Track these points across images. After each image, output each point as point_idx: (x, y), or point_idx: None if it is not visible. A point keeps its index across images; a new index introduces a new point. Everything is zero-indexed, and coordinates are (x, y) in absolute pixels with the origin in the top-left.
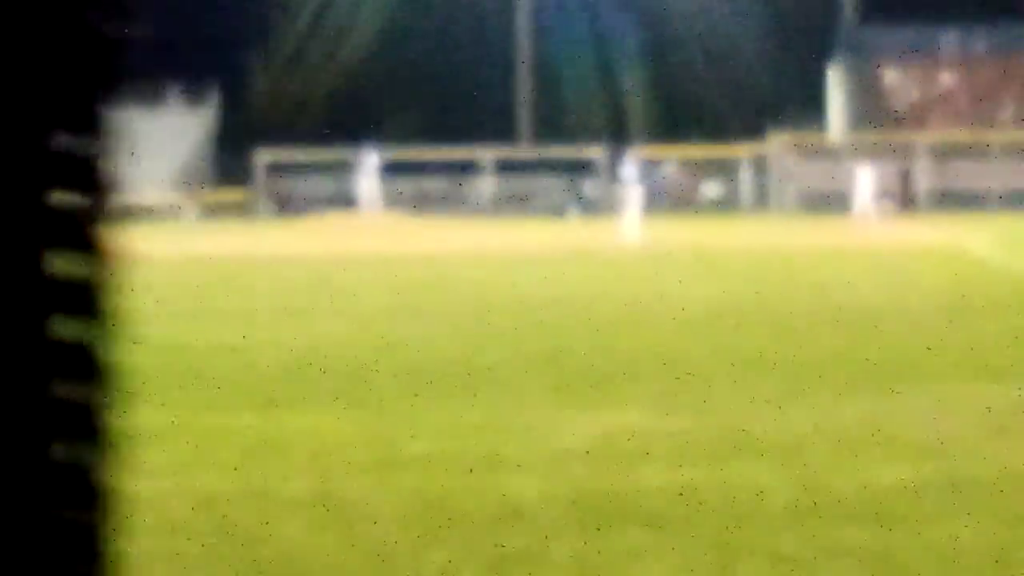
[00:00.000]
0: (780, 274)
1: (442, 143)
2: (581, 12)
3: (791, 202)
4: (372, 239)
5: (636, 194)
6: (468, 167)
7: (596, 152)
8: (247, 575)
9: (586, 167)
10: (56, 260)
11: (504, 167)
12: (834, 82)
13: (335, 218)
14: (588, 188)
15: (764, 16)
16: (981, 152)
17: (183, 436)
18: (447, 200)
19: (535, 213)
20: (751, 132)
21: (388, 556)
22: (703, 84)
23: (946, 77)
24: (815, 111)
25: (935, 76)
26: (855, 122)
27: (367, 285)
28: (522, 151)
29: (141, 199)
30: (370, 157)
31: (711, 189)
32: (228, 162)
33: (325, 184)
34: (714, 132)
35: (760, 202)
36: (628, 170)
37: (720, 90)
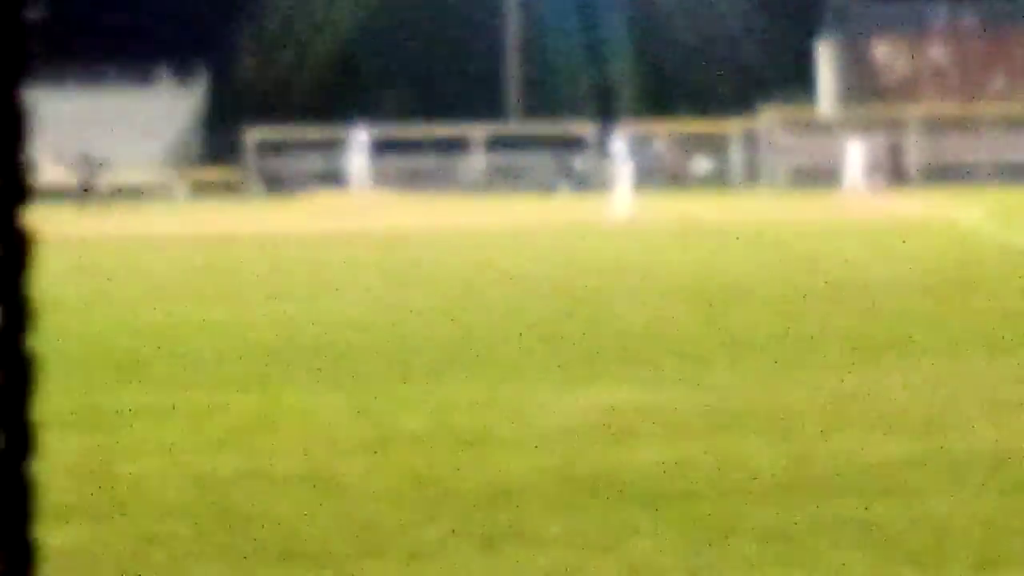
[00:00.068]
0: (771, 249)
1: (431, 120)
2: None
3: (781, 177)
4: (362, 217)
5: (626, 170)
6: (457, 144)
7: (586, 128)
8: (240, 554)
9: (576, 143)
10: None
11: (494, 144)
12: (824, 56)
13: (325, 196)
14: (578, 164)
15: None
16: (971, 125)
17: (174, 416)
18: (437, 177)
19: (525, 189)
20: (741, 107)
21: (381, 534)
22: (692, 59)
23: (936, 50)
24: (805, 86)
25: (925, 50)
26: (845, 96)
27: (357, 263)
28: (511, 128)
29: (131, 178)
30: (359, 135)
31: (701, 164)
32: (217, 141)
33: (315, 162)
34: (704, 107)
35: (750, 177)
36: (618, 146)
37: (710, 65)
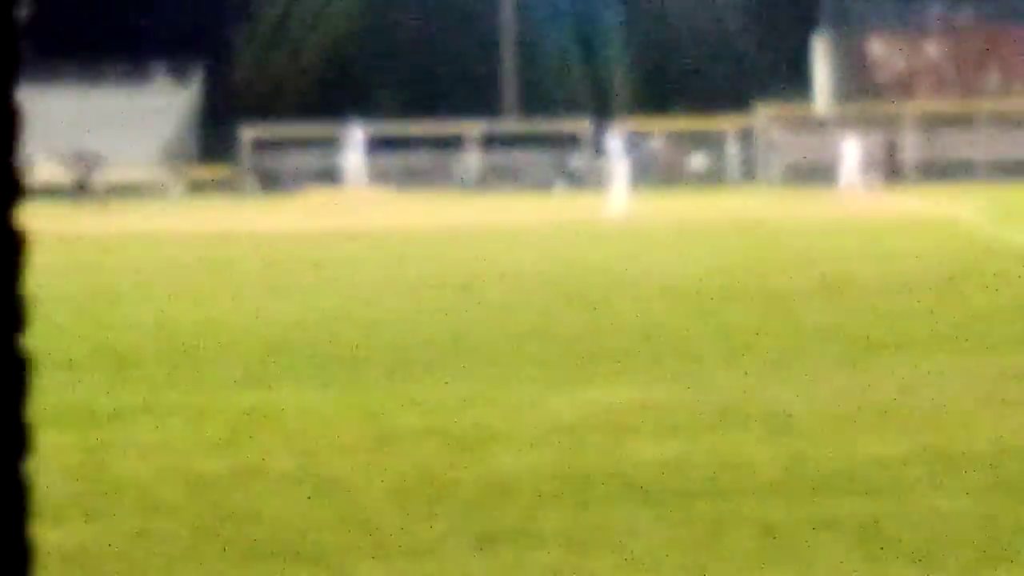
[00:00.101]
0: (768, 247)
1: (427, 118)
2: None
3: (777, 174)
4: (358, 215)
5: (622, 167)
6: (453, 142)
7: (582, 126)
8: (237, 553)
9: (572, 141)
10: None
11: (490, 142)
12: (819, 53)
13: (320, 194)
14: (574, 162)
15: None
16: (967, 122)
17: (170, 415)
18: (433, 175)
19: (521, 187)
20: (737, 104)
21: (379, 532)
22: (688, 56)
23: (932, 47)
24: (801, 83)
25: (921, 47)
26: (841, 93)
27: (353, 261)
28: (508, 125)
29: (126, 176)
30: (355, 132)
31: (697, 162)
32: (213, 139)
33: (310, 160)
34: (700, 104)
35: (746, 174)
36: (614, 143)
37: (705, 62)
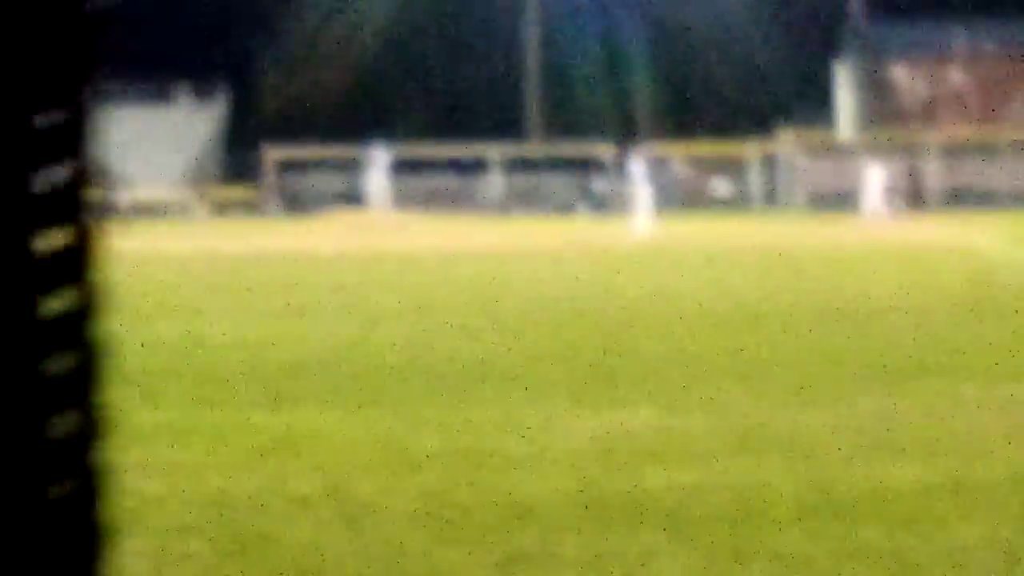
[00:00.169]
0: (789, 272)
1: (451, 141)
2: (590, 10)
3: (800, 200)
4: (381, 237)
5: (645, 192)
6: (477, 165)
7: (605, 150)
8: (257, 575)
9: (595, 165)
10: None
11: (513, 165)
12: (843, 80)
13: (344, 215)
14: (597, 186)
15: (773, 14)
16: (991, 150)
17: (192, 435)
18: (456, 197)
19: (544, 211)
20: (760, 130)
21: (398, 555)
22: (712, 81)
23: (955, 74)
24: (824, 109)
25: (944, 74)
26: (864, 120)
27: (376, 283)
28: (531, 149)
29: (151, 196)
30: (380, 154)
31: (720, 187)
32: (237, 159)
33: (334, 181)
34: (723, 130)
35: (769, 200)
36: (636, 168)
37: (729, 87)
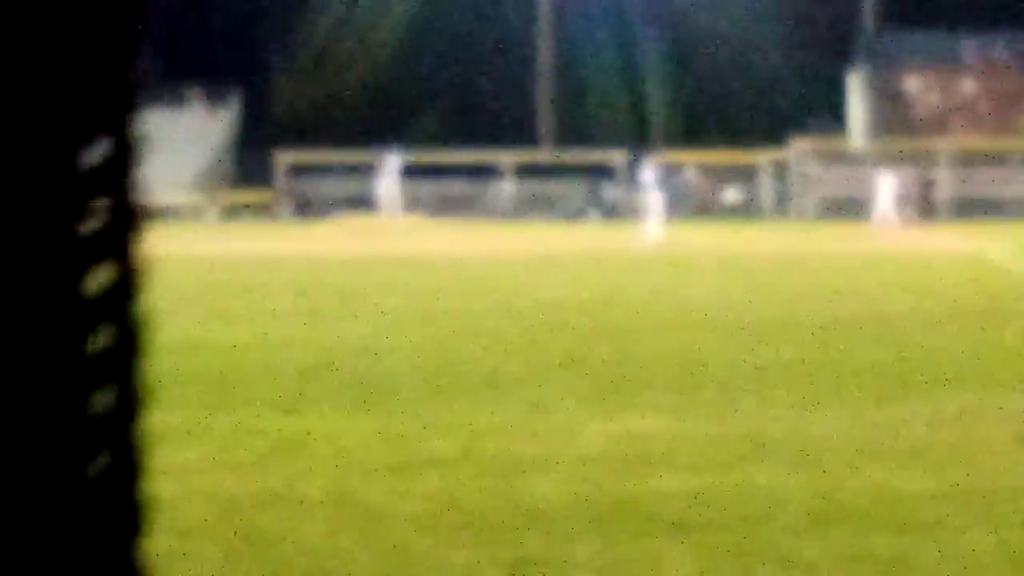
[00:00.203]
0: (800, 281)
1: (463, 146)
2: (602, 17)
3: (811, 208)
4: (391, 241)
5: (656, 199)
6: (488, 170)
7: (617, 156)
8: None
9: (607, 171)
10: (91, 269)
11: (525, 171)
12: (855, 89)
13: (355, 220)
14: (608, 193)
15: (785, 23)
16: (1002, 160)
17: (202, 437)
18: (468, 203)
19: (555, 217)
20: (772, 138)
21: (407, 558)
22: (724, 89)
23: (967, 84)
24: (836, 117)
25: (956, 83)
26: (876, 129)
27: (387, 287)
28: (543, 155)
29: (162, 200)
30: (391, 159)
31: (731, 194)
32: (249, 163)
33: (346, 186)
34: (735, 137)
35: (780, 208)
36: (648, 175)
37: (741, 96)
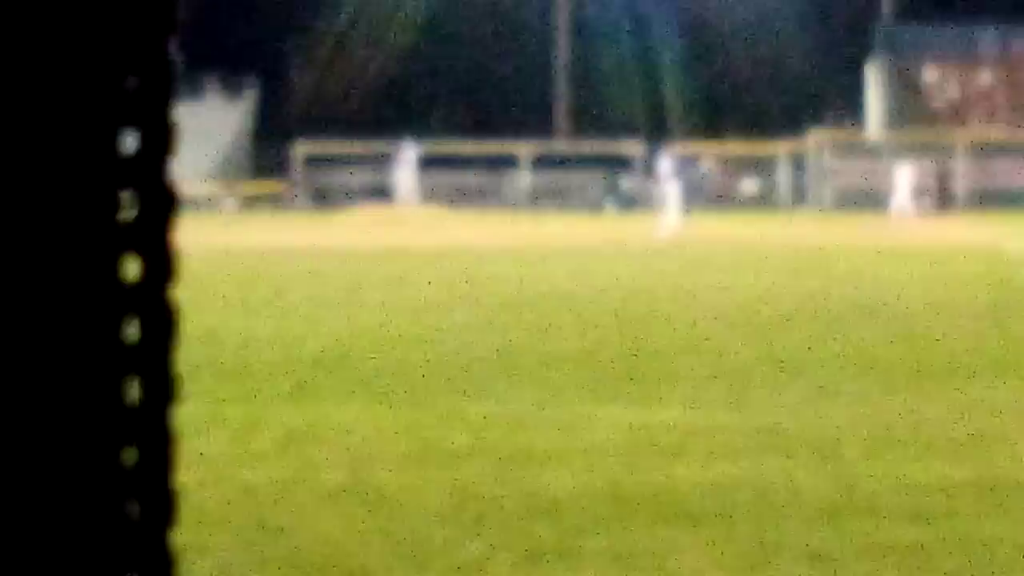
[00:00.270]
0: (817, 271)
1: (480, 137)
2: (620, 7)
3: (829, 199)
4: (408, 232)
5: (673, 190)
6: (505, 161)
7: (634, 147)
8: (282, 567)
9: (624, 162)
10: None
11: (541, 161)
12: (872, 80)
13: (372, 211)
14: (625, 183)
15: (803, 13)
16: (1019, 151)
17: (219, 427)
18: (484, 194)
19: (572, 208)
20: (789, 129)
21: (423, 548)
22: (741, 81)
23: (985, 75)
24: (853, 109)
25: (974, 74)
26: (893, 120)
27: (402, 278)
28: (559, 146)
29: (180, 190)
30: (408, 150)
31: (749, 185)
32: (266, 154)
33: (363, 177)
34: (752, 128)
35: (798, 199)
36: (665, 166)
37: (758, 87)
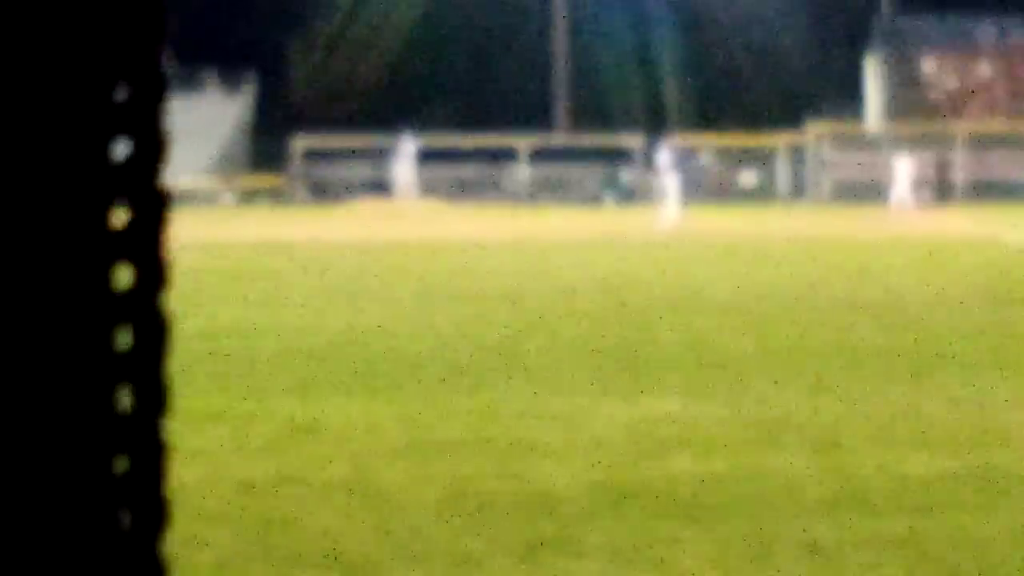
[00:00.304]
0: (816, 264)
1: (479, 131)
2: (618, 0)
3: (827, 192)
4: (407, 225)
5: (673, 182)
6: (504, 154)
7: (633, 140)
8: (282, 561)
9: (622, 155)
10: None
11: (540, 155)
12: (871, 72)
13: (371, 204)
14: (624, 176)
15: (802, 5)
16: (1018, 142)
17: (217, 421)
18: (483, 187)
19: (571, 201)
20: (788, 121)
21: (422, 542)
22: (740, 73)
23: (984, 67)
24: (852, 101)
25: (973, 66)
26: (892, 112)
27: (402, 271)
28: (558, 138)
29: (178, 184)
30: (407, 144)
31: (747, 178)
32: (265, 148)
33: (362, 170)
34: (751, 121)
35: (796, 191)
36: (664, 158)
37: (757, 79)
